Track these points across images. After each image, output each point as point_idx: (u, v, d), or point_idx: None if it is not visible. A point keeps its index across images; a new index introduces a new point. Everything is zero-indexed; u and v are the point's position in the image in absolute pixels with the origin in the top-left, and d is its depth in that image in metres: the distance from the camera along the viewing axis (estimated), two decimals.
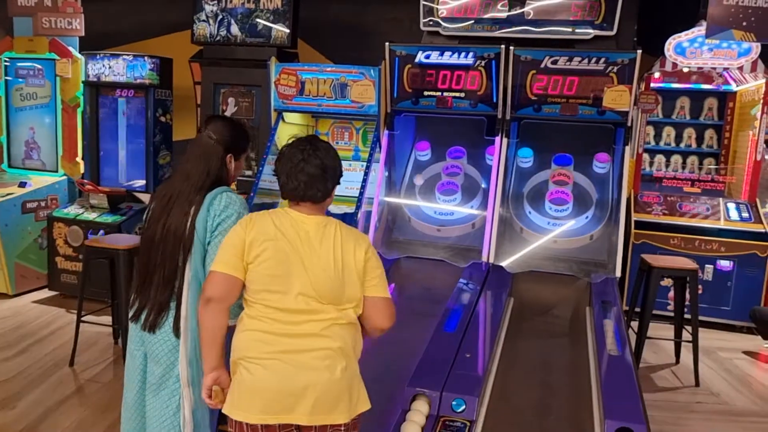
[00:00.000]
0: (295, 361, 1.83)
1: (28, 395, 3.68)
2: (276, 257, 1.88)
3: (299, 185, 1.93)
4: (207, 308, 1.89)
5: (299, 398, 1.81)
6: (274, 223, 1.92)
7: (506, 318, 3.81)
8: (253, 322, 1.89)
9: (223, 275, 1.88)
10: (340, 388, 1.86)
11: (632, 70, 3.88)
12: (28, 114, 5.83)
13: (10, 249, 5.29)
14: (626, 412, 2.48)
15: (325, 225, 1.95)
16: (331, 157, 2.02)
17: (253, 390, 1.83)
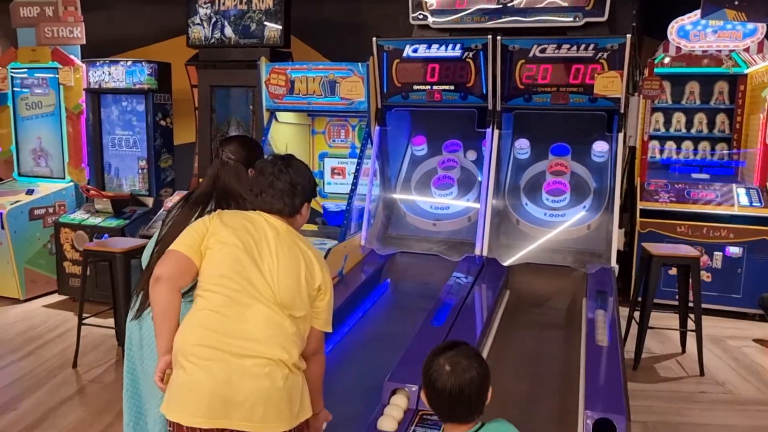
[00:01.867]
0: (235, 365, 1.76)
1: (30, 397, 3.76)
2: (235, 253, 1.87)
3: (268, 199, 1.99)
4: (155, 287, 1.84)
5: (237, 404, 1.75)
6: (245, 220, 1.95)
7: (500, 311, 3.78)
8: (198, 316, 1.84)
9: (179, 254, 1.87)
10: (280, 397, 1.80)
11: (622, 55, 3.81)
12: (35, 123, 5.94)
13: (19, 255, 5.40)
14: (607, 404, 2.44)
15: (293, 235, 1.99)
16: (302, 175, 2.06)
17: (189, 391, 1.76)
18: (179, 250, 1.89)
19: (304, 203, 2.06)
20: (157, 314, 1.86)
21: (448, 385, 1.66)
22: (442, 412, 1.74)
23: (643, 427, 3.48)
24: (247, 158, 2.36)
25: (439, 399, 1.69)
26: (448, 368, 1.69)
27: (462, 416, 1.71)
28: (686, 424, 3.53)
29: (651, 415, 3.62)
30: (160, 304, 1.85)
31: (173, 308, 1.85)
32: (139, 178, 5.56)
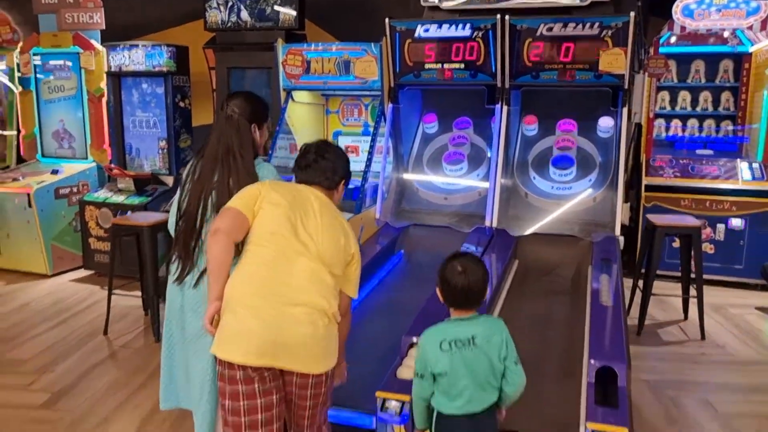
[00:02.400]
0: (282, 311, 1.96)
1: (66, 361, 3.99)
2: (284, 212, 2.08)
3: (311, 173, 2.27)
4: (214, 238, 2.02)
5: (284, 346, 1.96)
6: (293, 188, 2.21)
7: (509, 278, 3.97)
8: (249, 268, 2.03)
9: (235, 210, 2.07)
10: (320, 342, 2.02)
11: (626, 33, 3.95)
12: (57, 106, 6.15)
13: (46, 232, 5.63)
14: (610, 353, 2.63)
15: (333, 207, 2.23)
16: (341, 156, 2.36)
17: (241, 333, 1.95)
18: (236, 207, 2.09)
19: (342, 180, 2.33)
20: (212, 263, 2.04)
21: (460, 282, 2.07)
22: (454, 302, 2.13)
23: (647, 385, 3.67)
24: (252, 113, 2.44)
25: (453, 293, 2.10)
26: (460, 269, 2.09)
27: (468, 305, 2.12)
28: (687, 382, 3.72)
29: (654, 374, 3.81)
30: (216, 255, 2.03)
31: (227, 259, 2.04)
32: (159, 157, 5.76)
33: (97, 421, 3.25)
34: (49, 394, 3.55)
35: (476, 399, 2.04)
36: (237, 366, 1.97)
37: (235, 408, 2.00)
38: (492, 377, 2.07)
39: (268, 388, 2.01)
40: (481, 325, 2.09)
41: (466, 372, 2.02)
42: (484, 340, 2.05)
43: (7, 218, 5.74)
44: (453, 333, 2.06)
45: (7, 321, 4.69)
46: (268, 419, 2.03)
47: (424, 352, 2.07)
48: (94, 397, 3.51)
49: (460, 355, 2.02)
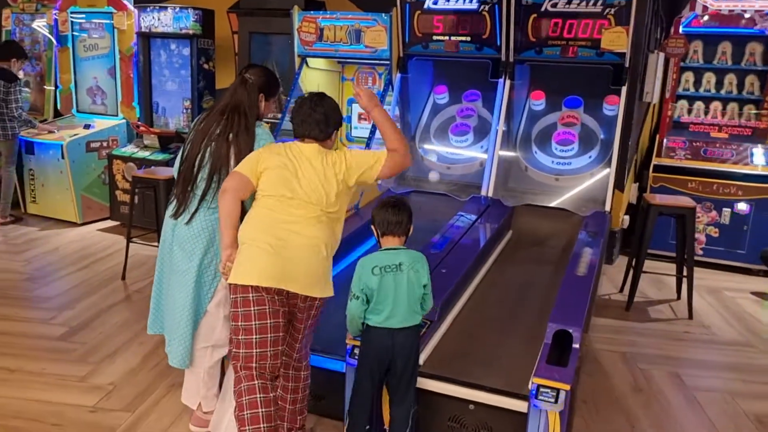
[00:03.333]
0: (287, 242, 2.33)
1: (86, 299, 4.35)
2: (281, 172, 2.43)
3: (306, 127, 2.51)
4: (224, 196, 2.41)
5: (289, 271, 2.31)
6: (285, 149, 2.50)
7: (499, 246, 4.15)
8: (257, 212, 2.41)
9: (241, 175, 2.44)
10: (318, 270, 2.39)
11: (629, 11, 4.01)
12: (92, 63, 6.47)
13: (77, 183, 6.01)
14: (567, 318, 2.80)
15: (320, 152, 2.49)
16: (332, 108, 2.58)
17: (252, 260, 2.31)
18: (242, 172, 2.45)
19: (334, 130, 2.58)
20: (223, 216, 2.43)
21: (392, 214, 2.49)
22: (386, 231, 2.50)
23: (622, 357, 3.83)
24: (265, 84, 2.74)
25: (385, 223, 2.49)
26: (392, 204, 2.53)
27: (398, 233, 2.51)
28: (664, 356, 3.86)
29: (632, 348, 3.96)
30: (226, 209, 2.41)
31: (236, 213, 2.42)
32: (183, 116, 6.04)
33: (106, 353, 3.58)
34: (66, 328, 3.90)
35: (397, 316, 2.43)
36: (250, 288, 2.31)
37: (247, 328, 2.33)
38: (413, 299, 2.46)
39: (276, 310, 2.36)
40: (406, 255, 2.48)
41: (390, 292, 2.41)
42: (409, 268, 2.44)
43: (43, 168, 6.13)
44: (384, 260, 2.44)
45: (38, 262, 5.08)
46: (275, 339, 2.37)
47: (360, 276, 2.44)
48: (105, 333, 3.84)
49: (388, 278, 2.41)
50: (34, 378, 3.30)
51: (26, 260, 5.11)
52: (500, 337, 3.15)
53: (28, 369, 3.38)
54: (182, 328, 2.61)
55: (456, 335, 3.05)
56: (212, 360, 2.75)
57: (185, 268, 2.60)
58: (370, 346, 2.49)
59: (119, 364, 3.47)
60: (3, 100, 5.75)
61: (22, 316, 4.06)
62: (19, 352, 3.57)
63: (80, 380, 3.29)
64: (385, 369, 2.49)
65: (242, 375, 2.35)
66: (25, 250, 5.35)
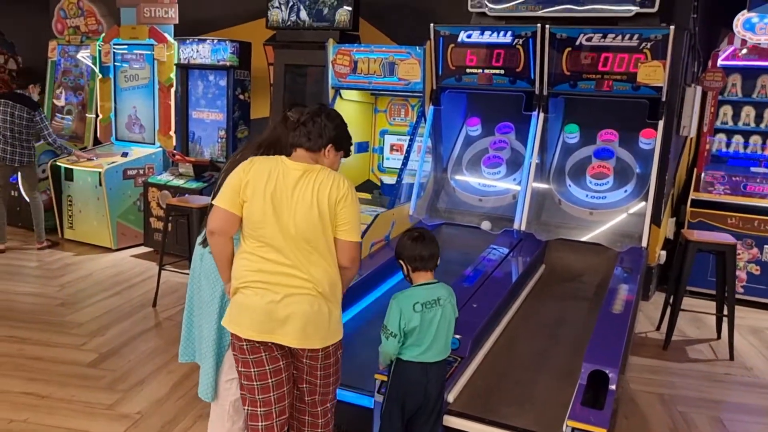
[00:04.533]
0: (280, 291, 2.17)
1: (117, 326, 4.38)
2: (263, 201, 2.17)
3: (298, 134, 2.28)
4: (211, 239, 2.26)
5: (282, 323, 2.17)
6: (269, 169, 2.22)
7: (532, 281, 4.07)
8: (245, 255, 2.24)
9: (223, 211, 2.20)
10: (317, 321, 2.20)
11: (665, 45, 3.96)
12: (131, 93, 6.65)
13: (113, 209, 6.12)
14: (603, 358, 2.71)
15: (309, 171, 2.22)
16: (332, 121, 2.33)
17: (244, 308, 2.20)
18: (223, 207, 2.20)
19: (328, 144, 2.28)
20: (216, 258, 2.33)
21: (426, 248, 2.45)
22: (420, 266, 2.46)
23: (660, 399, 3.69)
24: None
25: (419, 258, 2.45)
26: (422, 239, 2.48)
27: (430, 267, 2.49)
28: (703, 399, 3.70)
29: (671, 389, 3.81)
30: (216, 252, 2.30)
31: (227, 252, 2.29)
32: (218, 146, 6.14)
33: (135, 381, 3.59)
34: (96, 354, 3.93)
35: (433, 350, 2.40)
36: (243, 338, 2.22)
37: (247, 374, 2.27)
38: (449, 333, 2.47)
39: (274, 356, 2.25)
40: (443, 289, 2.48)
41: (431, 328, 2.39)
42: (446, 302, 2.45)
43: (81, 195, 6.27)
44: (423, 296, 2.41)
45: (72, 288, 5.16)
46: (278, 383, 2.28)
47: (401, 313, 2.36)
48: (135, 361, 3.85)
49: (428, 314, 2.39)
50: (62, 405, 3.31)
51: (61, 285, 5.19)
52: (532, 374, 3.06)
53: (57, 396, 3.40)
54: (207, 361, 2.59)
55: (487, 372, 2.98)
56: (237, 393, 2.72)
57: (209, 299, 2.59)
58: (403, 381, 2.43)
59: (147, 392, 3.47)
60: (26, 126, 5.93)
61: (54, 341, 4.10)
62: (49, 377, 3.60)
63: (107, 408, 3.30)
64: (417, 405, 2.43)
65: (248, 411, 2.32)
66: (60, 275, 5.45)
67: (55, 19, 7.29)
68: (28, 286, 5.15)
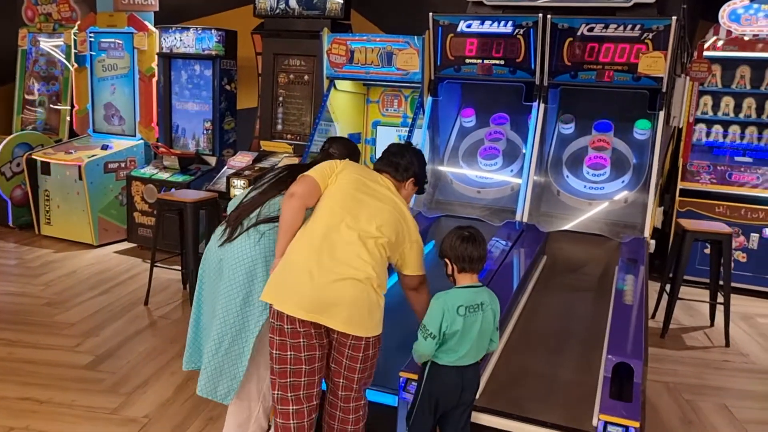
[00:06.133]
0: (332, 270, 2.17)
1: (110, 326, 4.23)
2: (349, 191, 2.32)
3: (382, 163, 2.56)
4: (289, 201, 2.30)
5: (328, 304, 2.17)
6: (366, 172, 2.47)
7: (536, 273, 4.05)
8: (310, 228, 2.28)
9: (312, 179, 2.33)
10: (365, 305, 2.21)
11: (667, 36, 3.97)
12: (110, 83, 6.42)
13: (94, 204, 5.92)
14: (627, 350, 2.70)
15: (397, 196, 2.44)
16: (416, 157, 2.63)
17: (292, 287, 2.18)
18: (313, 176, 2.34)
19: (410, 179, 2.56)
20: (284, 223, 2.31)
21: (476, 250, 2.38)
22: (467, 268, 2.37)
23: (665, 387, 3.73)
24: (347, 157, 2.71)
25: (468, 259, 2.36)
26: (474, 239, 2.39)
27: (477, 269, 2.43)
28: (706, 386, 3.76)
29: (674, 377, 3.86)
30: (288, 215, 2.30)
31: (298, 220, 2.31)
32: (204, 138, 5.97)
33: (137, 383, 3.47)
34: (93, 356, 3.78)
35: (469, 355, 2.35)
36: (286, 318, 2.18)
37: (282, 357, 2.23)
38: (487, 338, 2.41)
39: (312, 344, 2.22)
40: (487, 294, 2.41)
41: (472, 333, 2.32)
42: (488, 307, 2.38)
43: (59, 189, 6.04)
44: (469, 299, 2.34)
45: (57, 286, 4.97)
46: (311, 370, 2.25)
47: (444, 315, 2.28)
48: (134, 362, 3.73)
49: (471, 319, 2.32)
50: (64, 410, 3.19)
51: (44, 284, 5.00)
52: (550, 368, 3.04)
53: (57, 400, 3.26)
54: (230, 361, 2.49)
55: (507, 366, 2.94)
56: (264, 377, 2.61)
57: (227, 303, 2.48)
58: (437, 384, 2.37)
59: (151, 395, 3.35)
60: None
61: (45, 343, 3.94)
62: (46, 381, 3.45)
63: (112, 412, 3.18)
64: (451, 406, 2.38)
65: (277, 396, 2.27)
66: (41, 274, 5.24)
67: (24, 5, 6.98)
68: (10, 286, 4.95)
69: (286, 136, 5.62)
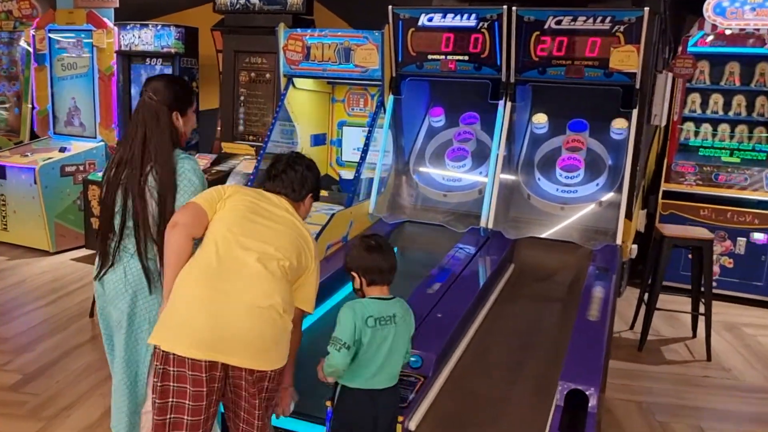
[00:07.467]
0: (228, 305, 1.90)
1: (48, 340, 3.97)
2: (242, 215, 2.05)
3: (278, 183, 2.24)
4: (173, 231, 2.00)
5: (227, 340, 1.88)
6: (257, 193, 2.17)
7: (500, 283, 3.79)
8: (198, 262, 1.98)
9: (197, 206, 2.04)
10: (271, 335, 1.94)
11: (639, 28, 3.70)
12: (70, 83, 6.15)
13: (50, 209, 5.65)
14: (581, 374, 2.44)
15: (296, 218, 2.17)
16: (312, 171, 2.33)
17: (183, 324, 1.89)
18: (198, 203, 2.06)
19: (309, 194, 2.29)
20: (170, 256, 2.01)
21: (385, 261, 2.15)
22: (378, 280, 2.15)
23: (638, 408, 3.46)
24: (173, 99, 2.25)
25: (377, 271, 2.14)
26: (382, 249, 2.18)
27: (388, 281, 2.18)
28: (684, 407, 3.49)
29: (648, 396, 3.59)
30: (173, 247, 2.00)
31: (185, 252, 2.01)
32: None
33: (61, 407, 3.20)
34: (21, 375, 3.52)
35: (383, 374, 2.10)
36: (173, 360, 1.88)
37: (162, 406, 1.92)
38: (401, 357, 2.16)
39: (199, 393, 1.90)
40: (399, 306, 2.17)
41: (382, 348, 2.08)
42: (402, 320, 2.14)
43: (15, 194, 5.78)
44: (379, 310, 2.10)
45: (2, 297, 4.71)
46: (194, 424, 1.92)
47: (355, 324, 2.04)
48: (64, 381, 3.46)
49: (381, 333, 2.08)
50: None
51: None
52: (504, 390, 2.78)
53: None
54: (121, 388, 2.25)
55: (454, 392, 2.67)
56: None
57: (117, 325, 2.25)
58: (349, 411, 2.11)
59: (74, 419, 3.09)
60: None
61: None
62: None
63: None
64: None
65: None
66: None
67: None
68: None
69: (248, 138, 5.36)
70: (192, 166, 2.25)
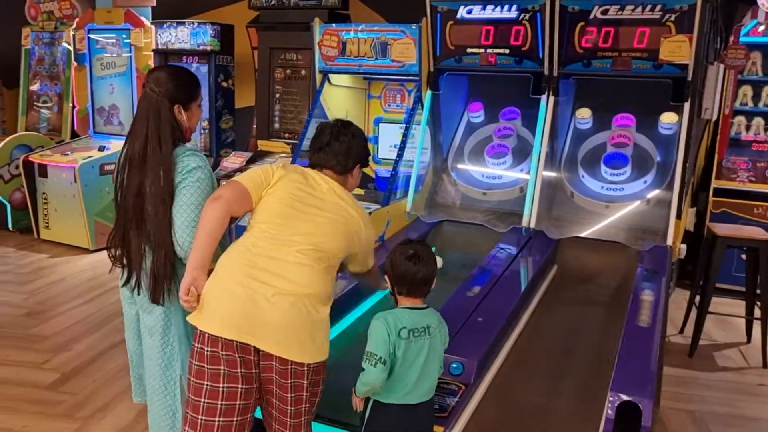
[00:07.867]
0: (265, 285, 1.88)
1: (86, 339, 3.99)
2: (287, 202, 2.01)
3: (322, 156, 2.17)
4: (212, 204, 1.94)
5: (262, 324, 1.87)
6: (302, 176, 2.10)
7: (543, 285, 3.64)
8: (241, 241, 1.99)
9: (242, 187, 2.00)
10: (301, 326, 1.90)
11: (692, 17, 3.50)
12: (109, 82, 6.20)
13: (90, 207, 5.71)
14: (633, 385, 2.29)
15: (342, 195, 2.12)
16: (358, 139, 2.25)
17: (219, 306, 1.88)
18: (244, 184, 2.01)
19: (356, 165, 2.22)
20: (203, 228, 1.93)
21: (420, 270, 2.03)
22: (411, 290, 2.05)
23: (691, 417, 3.29)
24: (175, 91, 2.11)
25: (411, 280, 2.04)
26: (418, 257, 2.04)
27: (422, 293, 2.08)
28: (738, 416, 3.30)
29: (701, 405, 3.41)
30: (208, 219, 1.93)
31: (220, 228, 1.95)
32: (200, 138, 5.70)
33: (96, 407, 3.20)
34: (59, 374, 3.53)
35: (419, 389, 2.00)
36: (207, 339, 1.86)
37: (197, 386, 1.90)
38: (436, 369, 2.07)
39: (234, 375, 1.88)
40: (433, 316, 2.08)
41: (417, 362, 1.99)
42: (436, 331, 2.05)
43: (56, 192, 5.86)
44: (412, 321, 2.00)
45: (42, 295, 4.76)
46: (228, 409, 1.89)
47: (387, 336, 1.94)
48: (100, 381, 3.47)
49: (416, 345, 1.98)
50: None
51: (30, 292, 4.79)
52: (548, 399, 2.65)
53: (6, 425, 3.00)
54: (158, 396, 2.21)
55: (496, 400, 2.55)
56: None
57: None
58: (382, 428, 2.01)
59: (109, 420, 3.08)
60: None
61: (13, 359, 3.71)
62: (2, 404, 3.19)
63: None
64: None
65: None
66: (31, 281, 5.05)
67: (27, 3, 6.84)
68: None
69: (283, 135, 5.31)
70: (197, 162, 2.12)
